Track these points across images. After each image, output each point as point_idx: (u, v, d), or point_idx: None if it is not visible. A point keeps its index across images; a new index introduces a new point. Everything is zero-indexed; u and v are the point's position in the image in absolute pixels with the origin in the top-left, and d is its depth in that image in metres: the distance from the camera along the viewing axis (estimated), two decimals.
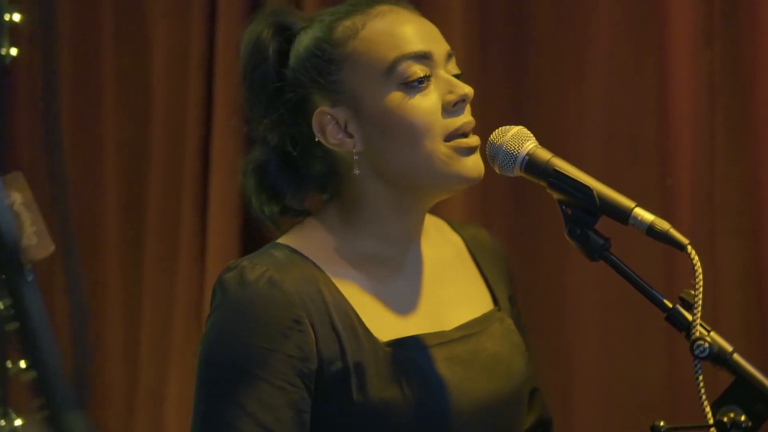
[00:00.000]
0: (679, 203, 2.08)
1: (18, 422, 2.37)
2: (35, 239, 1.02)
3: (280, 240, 1.33)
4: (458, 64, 2.22)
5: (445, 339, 1.32)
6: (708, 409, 1.08)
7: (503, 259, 1.50)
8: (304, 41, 1.33)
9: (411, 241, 1.36)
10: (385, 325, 1.29)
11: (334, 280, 1.29)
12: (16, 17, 2.57)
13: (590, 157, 2.16)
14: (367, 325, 1.28)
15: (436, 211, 2.15)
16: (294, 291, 1.25)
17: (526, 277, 2.21)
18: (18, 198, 1.01)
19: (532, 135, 1.26)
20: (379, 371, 1.25)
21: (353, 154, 1.29)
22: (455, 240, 1.47)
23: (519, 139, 1.25)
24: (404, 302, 1.34)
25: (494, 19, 2.25)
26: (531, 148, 1.24)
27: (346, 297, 1.28)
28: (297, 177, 1.35)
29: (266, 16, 1.37)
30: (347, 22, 1.31)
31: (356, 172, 1.29)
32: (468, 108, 1.32)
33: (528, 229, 2.20)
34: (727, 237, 2.05)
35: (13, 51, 2.53)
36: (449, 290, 1.39)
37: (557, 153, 2.16)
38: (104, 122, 2.68)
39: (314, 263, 1.29)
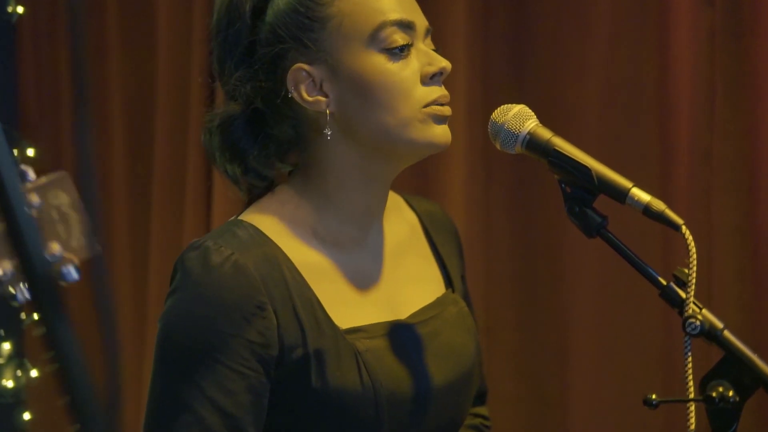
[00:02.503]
0: (677, 159, 2.10)
1: (34, 373, 2.43)
2: (83, 240, 1.04)
3: (243, 217, 1.32)
4: (460, 20, 2.25)
5: (402, 324, 1.34)
6: (691, 385, 1.13)
7: (456, 237, 1.51)
8: None
9: (373, 219, 1.36)
10: (345, 311, 1.30)
11: (297, 264, 1.28)
12: None
13: (591, 114, 2.18)
14: (328, 311, 1.28)
15: (437, 188, 2.19)
16: (258, 276, 1.24)
17: (527, 251, 2.25)
18: (65, 199, 1.03)
19: (533, 114, 1.27)
20: (339, 358, 1.26)
21: (326, 114, 1.29)
22: (410, 217, 1.47)
23: (520, 118, 1.26)
24: (364, 286, 1.34)
25: None
26: (532, 127, 1.26)
27: (308, 282, 1.28)
28: (262, 136, 1.32)
29: None
30: None
31: (327, 132, 1.29)
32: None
33: (529, 202, 2.23)
34: (724, 193, 2.08)
35: (20, 9, 2.52)
36: (406, 273, 1.39)
37: (558, 110, 2.21)
38: (110, 68, 2.69)
39: (277, 244, 1.28)
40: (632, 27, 2.15)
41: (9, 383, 2.43)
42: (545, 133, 1.25)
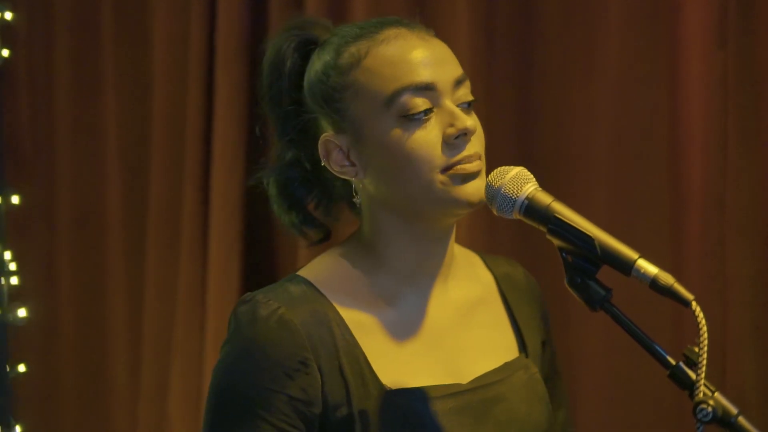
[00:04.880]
0: (689, 207, 2.02)
1: (18, 429, 2.36)
2: None
3: (301, 272, 1.31)
4: (464, 61, 2.17)
5: (457, 390, 1.27)
6: None
7: (538, 301, 1.44)
8: (316, 64, 1.30)
9: (431, 278, 1.31)
10: (395, 371, 1.25)
11: (348, 321, 1.26)
12: (8, 16, 2.49)
13: (598, 160, 2.10)
14: (377, 371, 1.24)
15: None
16: (304, 331, 1.23)
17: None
18: None
19: (532, 176, 1.20)
20: (385, 421, 1.22)
21: (359, 181, 1.28)
22: (486, 278, 1.41)
23: (518, 181, 1.19)
24: (420, 347, 1.29)
25: (501, 15, 2.18)
26: (531, 192, 1.18)
27: (357, 340, 1.25)
28: (319, 189, 1.34)
29: (290, 29, 1.34)
30: (353, 49, 1.27)
31: (356, 200, 1.29)
32: (472, 140, 1.25)
33: (532, 247, 2.14)
34: (738, 242, 1.99)
35: (5, 52, 2.45)
36: (472, 335, 1.34)
37: (564, 156, 2.13)
38: (105, 107, 2.65)
39: (329, 301, 1.27)
40: (641, 70, 2.07)
41: None
42: (545, 198, 1.18)
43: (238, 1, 2.41)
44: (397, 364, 1.26)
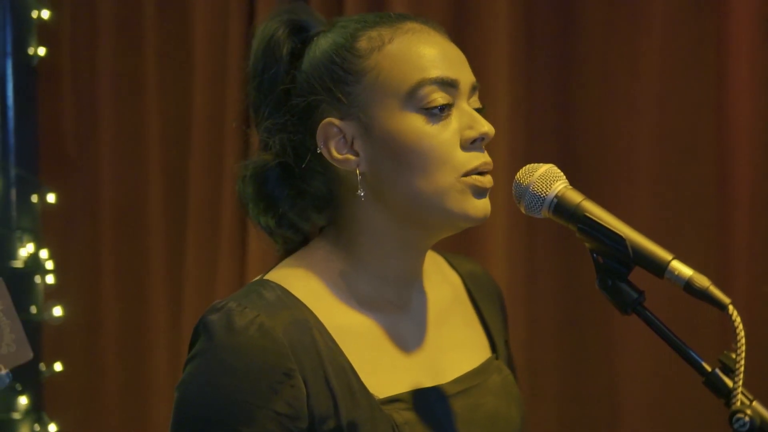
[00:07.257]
0: (737, 207, 1.96)
1: (53, 427, 2.35)
2: (14, 347, 0.96)
3: (270, 276, 1.22)
4: (504, 60, 2.13)
5: (444, 394, 1.22)
6: None
7: (500, 299, 1.40)
8: (322, 45, 1.22)
9: (412, 282, 1.26)
10: (381, 378, 1.19)
11: (329, 327, 1.18)
12: (45, 14, 2.50)
13: (643, 159, 2.05)
14: (363, 379, 1.17)
15: (479, 233, 2.07)
16: (286, 340, 1.13)
17: (572, 295, 2.12)
18: None
19: (562, 174, 1.15)
20: (375, 431, 1.15)
21: (356, 174, 1.19)
22: (453, 279, 1.36)
23: (547, 179, 1.14)
24: (404, 351, 1.23)
25: (541, 12, 2.13)
26: (560, 190, 1.13)
27: (341, 347, 1.17)
28: (296, 190, 1.24)
29: (282, 14, 1.25)
30: (373, 33, 1.21)
31: (360, 193, 1.19)
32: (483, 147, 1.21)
33: (572, 245, 2.09)
34: None
35: (41, 51, 2.45)
36: (449, 336, 1.28)
37: (608, 154, 2.07)
38: (147, 106, 2.65)
39: (308, 307, 1.18)
40: (686, 64, 2.01)
41: None
42: (575, 197, 1.13)
43: (276, 0, 2.40)
44: (383, 370, 1.20)
